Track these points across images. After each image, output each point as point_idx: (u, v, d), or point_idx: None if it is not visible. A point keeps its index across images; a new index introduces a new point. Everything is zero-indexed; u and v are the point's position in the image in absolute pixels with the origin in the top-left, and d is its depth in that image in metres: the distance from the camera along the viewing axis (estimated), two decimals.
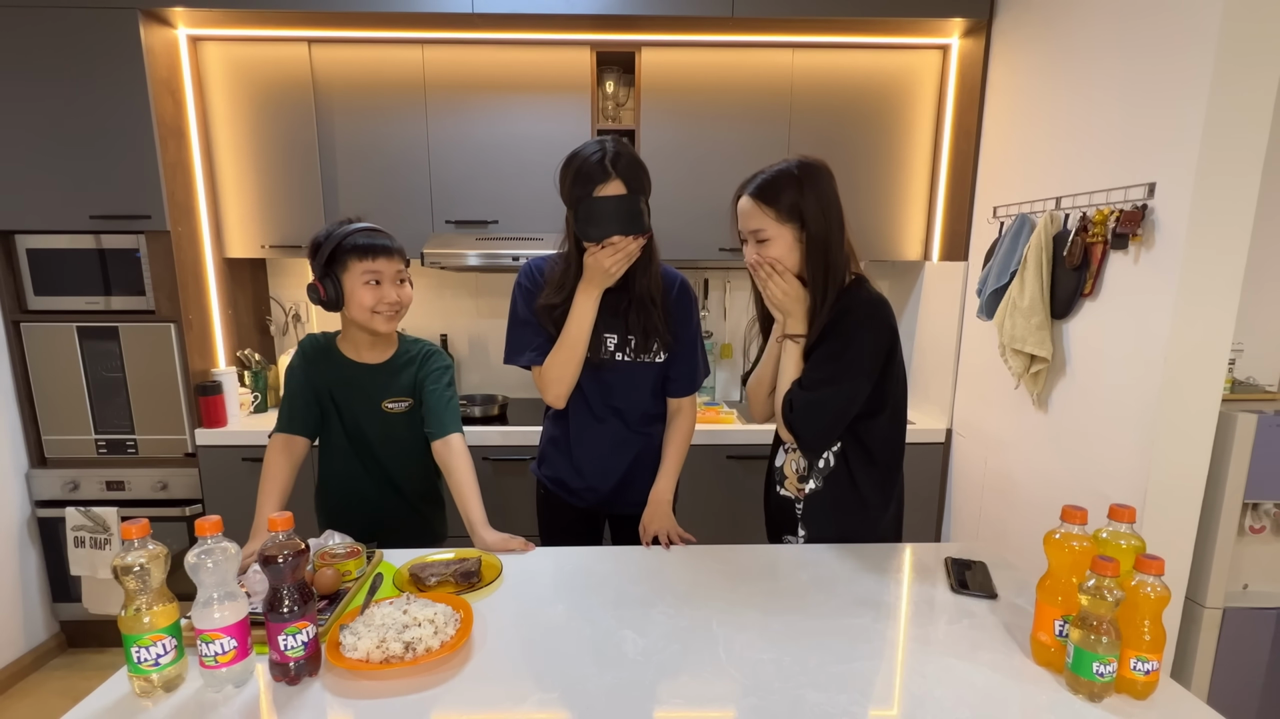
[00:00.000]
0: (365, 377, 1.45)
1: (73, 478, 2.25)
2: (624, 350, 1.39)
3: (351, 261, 1.36)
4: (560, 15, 2.12)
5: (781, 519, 1.39)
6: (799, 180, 1.21)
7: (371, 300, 1.36)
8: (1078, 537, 0.88)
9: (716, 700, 0.84)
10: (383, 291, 1.37)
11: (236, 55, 2.28)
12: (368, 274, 1.36)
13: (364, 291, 1.36)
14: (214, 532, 0.83)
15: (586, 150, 1.27)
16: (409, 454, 1.49)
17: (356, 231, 1.37)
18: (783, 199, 1.21)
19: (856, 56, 2.34)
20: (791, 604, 1.07)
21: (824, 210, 1.21)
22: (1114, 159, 1.63)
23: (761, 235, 1.24)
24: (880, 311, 1.22)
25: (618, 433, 1.44)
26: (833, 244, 1.22)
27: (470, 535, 1.30)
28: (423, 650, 0.88)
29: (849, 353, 1.20)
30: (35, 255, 2.16)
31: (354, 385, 1.44)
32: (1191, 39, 1.42)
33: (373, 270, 1.36)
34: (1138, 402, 1.55)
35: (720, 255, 2.42)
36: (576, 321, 1.32)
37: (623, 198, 1.25)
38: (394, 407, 1.46)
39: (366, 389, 1.45)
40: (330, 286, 1.36)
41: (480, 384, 2.80)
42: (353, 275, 1.36)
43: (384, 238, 1.40)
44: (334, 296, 1.37)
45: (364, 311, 1.37)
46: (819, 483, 1.31)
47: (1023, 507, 1.99)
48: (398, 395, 1.47)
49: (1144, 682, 0.83)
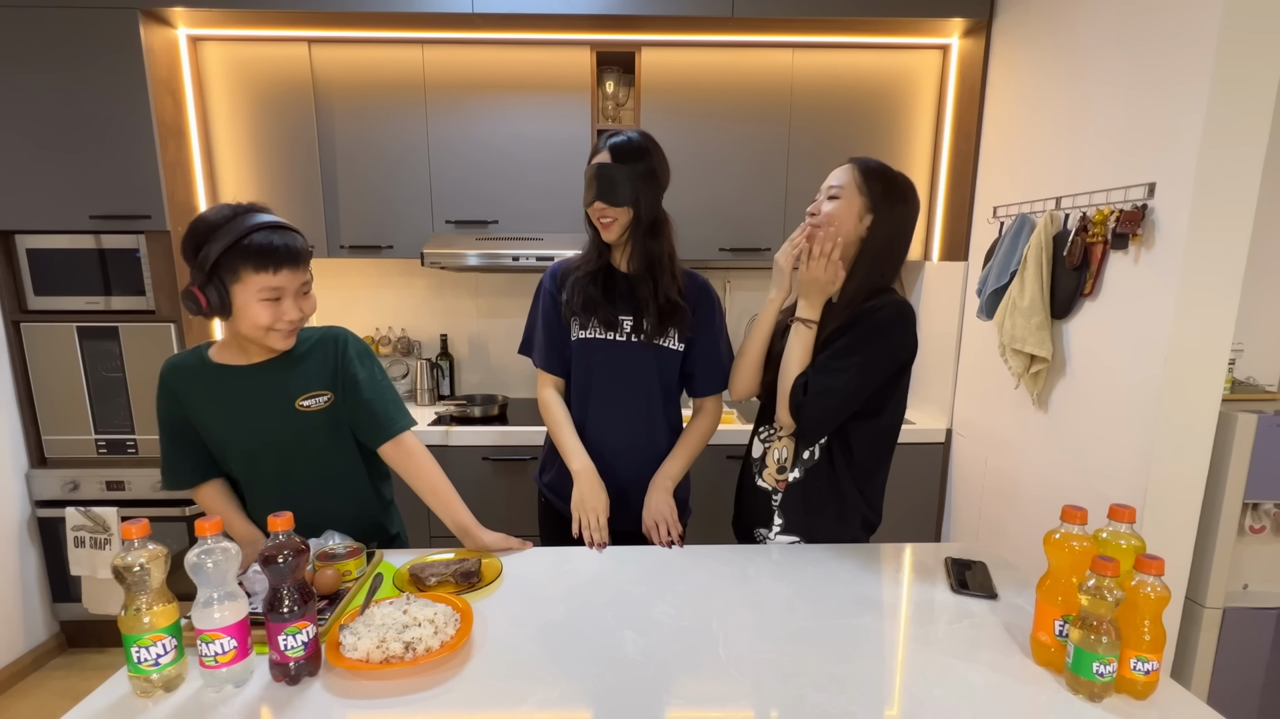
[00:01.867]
0: (264, 376, 1.19)
1: (73, 478, 2.25)
2: (640, 332, 1.38)
3: (246, 272, 1.07)
4: (560, 15, 2.12)
5: (756, 510, 1.38)
6: (893, 183, 1.25)
7: (269, 319, 1.10)
8: (1078, 537, 0.88)
9: (716, 700, 0.84)
10: (283, 308, 1.11)
11: (236, 55, 2.28)
12: (266, 291, 1.09)
13: (259, 309, 1.09)
14: (214, 532, 0.83)
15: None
16: (336, 459, 1.27)
17: (255, 229, 1.07)
18: (875, 183, 1.24)
19: (856, 56, 2.34)
20: (791, 604, 1.07)
21: (904, 216, 1.25)
22: (1114, 159, 1.63)
23: (835, 193, 1.25)
24: (911, 317, 1.25)
25: (625, 422, 1.41)
26: (896, 248, 1.25)
27: (463, 539, 1.26)
28: (423, 650, 0.88)
29: (873, 347, 1.22)
30: (35, 255, 2.16)
31: (251, 392, 1.18)
32: (1191, 38, 1.42)
33: (274, 287, 1.09)
34: (1138, 402, 1.55)
35: (720, 255, 2.42)
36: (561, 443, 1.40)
37: (606, 165, 1.29)
38: (310, 403, 1.21)
39: (269, 390, 1.19)
40: (214, 295, 1.07)
41: (480, 384, 2.80)
42: (246, 288, 1.08)
43: (290, 237, 1.12)
44: (217, 307, 1.08)
45: (255, 330, 1.11)
46: (800, 474, 1.31)
47: (1023, 507, 1.99)
48: (313, 389, 1.21)
49: (1144, 682, 0.83)
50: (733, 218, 2.42)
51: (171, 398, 1.21)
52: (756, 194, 2.41)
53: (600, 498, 1.31)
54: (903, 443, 2.30)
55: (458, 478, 2.21)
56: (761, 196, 2.41)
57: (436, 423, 2.32)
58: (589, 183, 1.31)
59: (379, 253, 2.39)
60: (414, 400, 2.63)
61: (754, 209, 2.41)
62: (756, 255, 2.44)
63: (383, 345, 2.71)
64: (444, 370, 2.68)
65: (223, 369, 1.19)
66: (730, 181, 2.40)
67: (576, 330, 1.40)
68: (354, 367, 1.24)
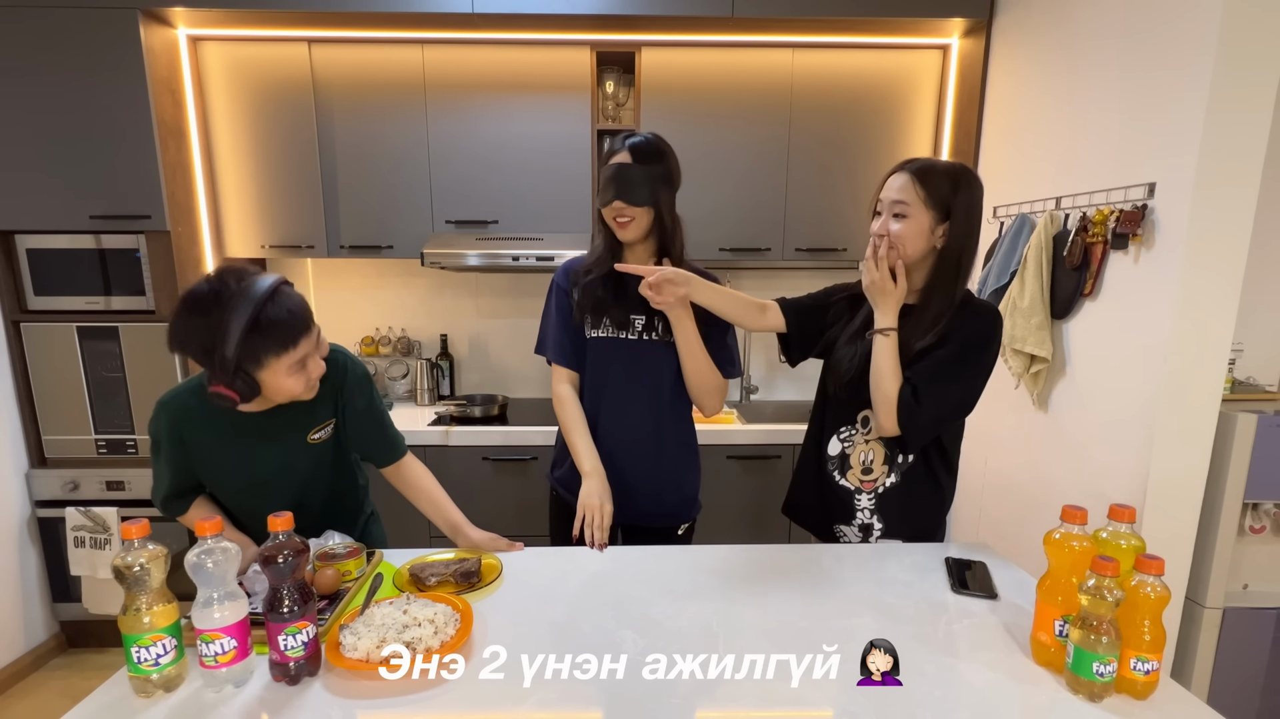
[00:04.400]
0: (275, 417, 1.16)
1: (73, 478, 2.25)
2: (653, 331, 1.39)
3: (269, 359, 1.02)
4: (560, 15, 2.12)
5: (836, 507, 1.37)
6: (958, 178, 1.21)
7: (302, 388, 1.09)
8: (1078, 537, 0.88)
9: (716, 700, 0.84)
10: (310, 371, 1.10)
11: (236, 55, 2.28)
12: (294, 366, 1.06)
13: (291, 383, 1.07)
14: (214, 532, 0.83)
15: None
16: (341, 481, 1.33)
17: (263, 305, 1.00)
18: (937, 187, 1.21)
19: (856, 56, 2.34)
20: (791, 604, 1.07)
21: (969, 214, 1.22)
22: (1114, 159, 1.63)
23: (901, 210, 1.22)
24: (1001, 324, 1.27)
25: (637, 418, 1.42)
26: (967, 250, 1.23)
27: (454, 538, 1.29)
28: (423, 650, 0.88)
29: (984, 355, 1.24)
30: (35, 255, 2.16)
31: (265, 435, 1.17)
32: (1192, 39, 1.42)
33: (299, 359, 1.07)
34: (1138, 402, 1.55)
35: (720, 255, 2.42)
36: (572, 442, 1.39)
37: (626, 165, 1.29)
38: (320, 435, 1.22)
39: (282, 430, 1.18)
40: (243, 387, 1.02)
41: (480, 384, 2.80)
42: (274, 372, 1.04)
43: (288, 297, 1.05)
44: (249, 396, 1.05)
45: (288, 397, 1.10)
46: (897, 477, 1.31)
47: (1023, 507, 1.99)
48: (321, 421, 1.22)
49: (1144, 682, 0.83)
50: (733, 218, 2.42)
51: (172, 439, 1.15)
52: (756, 194, 2.40)
53: (607, 501, 1.31)
54: None
55: (458, 478, 2.23)
56: (761, 196, 2.41)
57: (436, 423, 2.32)
58: (607, 182, 1.30)
59: (379, 253, 2.39)
60: (414, 400, 2.63)
61: (754, 209, 2.41)
62: (756, 255, 2.44)
63: (383, 345, 2.71)
64: (444, 370, 2.68)
65: (232, 415, 1.13)
66: (730, 181, 2.40)
67: (589, 329, 1.41)
68: (356, 396, 1.25)
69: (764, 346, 2.83)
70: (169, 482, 1.19)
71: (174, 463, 1.18)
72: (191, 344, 1.01)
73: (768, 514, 2.35)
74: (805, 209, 2.42)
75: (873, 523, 1.34)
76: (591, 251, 1.42)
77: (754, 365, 2.83)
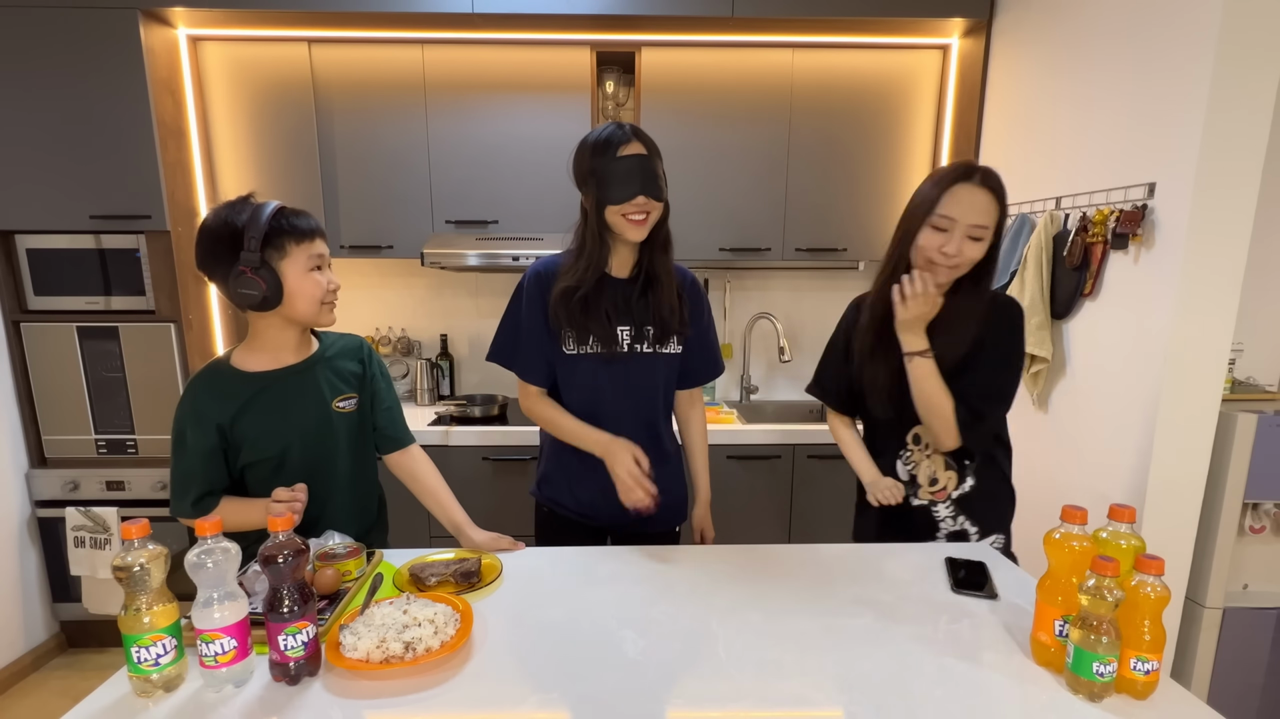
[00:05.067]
0: (301, 378, 1.21)
1: (73, 478, 2.25)
2: (642, 342, 1.34)
3: (291, 245, 1.12)
4: (560, 15, 2.12)
5: (923, 527, 1.35)
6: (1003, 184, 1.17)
7: (322, 288, 1.17)
8: (1078, 537, 0.88)
9: (716, 700, 0.84)
10: (329, 276, 1.20)
11: (236, 55, 2.28)
12: (314, 259, 1.16)
13: (311, 282, 1.15)
14: (214, 532, 0.83)
15: (599, 128, 1.26)
16: (362, 459, 1.32)
17: (283, 210, 1.13)
18: (1004, 200, 1.16)
19: (856, 56, 2.34)
20: (791, 604, 1.07)
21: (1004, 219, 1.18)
22: (1114, 159, 1.63)
23: (981, 234, 1.14)
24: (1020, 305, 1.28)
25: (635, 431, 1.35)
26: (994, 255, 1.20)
27: (458, 537, 1.28)
28: (423, 650, 0.88)
29: (1018, 347, 1.26)
30: (35, 255, 2.16)
31: (292, 396, 1.20)
32: (1192, 39, 1.42)
33: (319, 254, 1.17)
34: (1138, 402, 1.55)
35: (720, 255, 2.43)
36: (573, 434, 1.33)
37: (644, 157, 1.23)
38: (345, 405, 1.26)
39: (308, 392, 1.21)
40: (269, 277, 1.10)
41: (480, 384, 2.80)
42: (295, 262, 1.13)
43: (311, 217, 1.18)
44: (273, 288, 1.11)
45: (311, 304, 1.16)
46: (973, 479, 1.32)
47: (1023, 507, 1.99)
48: (345, 392, 1.26)
49: (1144, 682, 0.83)
50: (733, 218, 2.42)
51: (201, 422, 1.16)
52: (756, 194, 2.41)
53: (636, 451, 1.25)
54: None
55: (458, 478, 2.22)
56: (761, 196, 2.41)
57: (436, 423, 2.32)
58: (627, 175, 1.20)
59: (379, 253, 2.39)
60: (414, 400, 2.63)
61: (754, 209, 2.41)
62: (756, 255, 2.44)
63: (383, 345, 2.71)
64: (444, 370, 2.68)
65: (258, 376, 1.18)
66: (730, 181, 2.40)
67: (572, 346, 1.31)
68: (379, 376, 1.33)
69: (764, 347, 2.83)
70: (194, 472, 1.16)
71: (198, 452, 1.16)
72: (217, 241, 1.09)
73: (768, 514, 2.35)
74: (805, 209, 2.42)
75: (965, 528, 1.34)
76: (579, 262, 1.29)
77: (754, 365, 2.83)
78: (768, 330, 2.79)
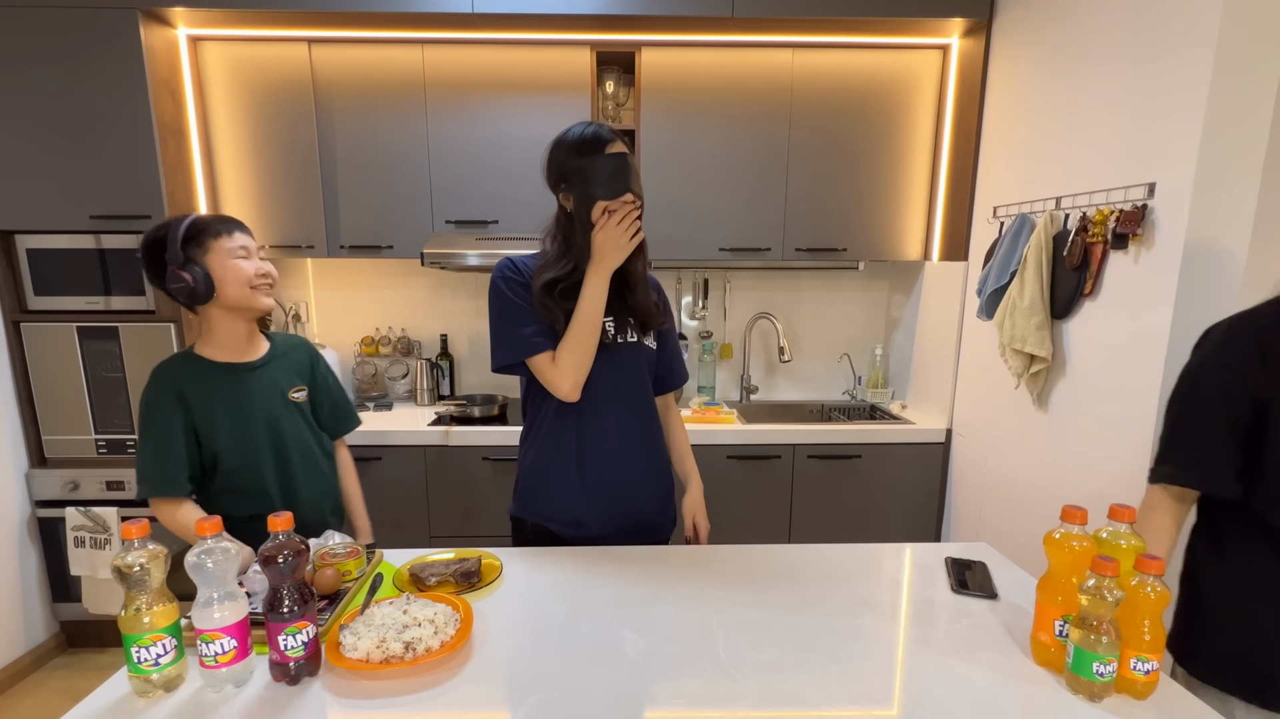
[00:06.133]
0: (260, 369, 1.33)
1: (73, 478, 2.25)
2: (625, 333, 1.34)
3: (210, 241, 1.23)
4: (560, 15, 2.12)
5: None
6: None
7: (249, 272, 1.26)
8: (1078, 537, 0.88)
9: (716, 700, 0.84)
10: (255, 263, 1.28)
11: (236, 55, 2.28)
12: (236, 250, 1.25)
13: (237, 267, 1.24)
14: (214, 532, 0.83)
15: (576, 127, 1.25)
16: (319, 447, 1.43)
17: (201, 216, 1.27)
18: None
19: (856, 56, 2.34)
20: (791, 604, 1.07)
21: None
22: (1114, 159, 1.63)
23: None
24: None
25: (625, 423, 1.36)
26: None
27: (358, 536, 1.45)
28: (423, 650, 0.88)
29: None
30: (35, 255, 2.16)
31: (253, 384, 1.31)
32: (1191, 39, 1.42)
33: (240, 246, 1.26)
34: (1138, 402, 1.55)
35: (720, 255, 2.43)
36: (590, 300, 1.23)
37: (628, 156, 1.23)
38: (298, 396, 1.39)
39: (268, 382, 1.33)
40: (197, 270, 1.21)
41: (480, 384, 2.80)
42: (217, 255, 1.23)
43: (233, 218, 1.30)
44: (202, 280, 1.21)
45: (242, 288, 1.25)
46: None
47: (1023, 507, 1.99)
48: (296, 385, 1.39)
49: (1144, 682, 0.83)
50: (733, 217, 2.42)
51: (171, 400, 1.24)
52: (756, 194, 2.41)
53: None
54: (903, 443, 2.33)
55: (458, 478, 2.23)
56: (761, 196, 2.41)
57: (436, 423, 2.32)
58: (618, 172, 1.20)
59: (379, 253, 2.39)
60: (414, 400, 2.63)
61: (754, 209, 2.41)
62: (756, 255, 2.44)
63: (383, 345, 2.71)
64: (444, 370, 2.68)
65: (221, 365, 1.29)
66: (730, 181, 2.40)
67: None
68: (324, 370, 1.47)
69: (764, 347, 2.83)
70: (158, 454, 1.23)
71: (170, 430, 1.23)
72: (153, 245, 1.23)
73: (767, 514, 2.35)
74: (805, 209, 2.42)
75: None
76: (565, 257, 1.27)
77: (754, 365, 2.83)
78: (768, 330, 2.79)
